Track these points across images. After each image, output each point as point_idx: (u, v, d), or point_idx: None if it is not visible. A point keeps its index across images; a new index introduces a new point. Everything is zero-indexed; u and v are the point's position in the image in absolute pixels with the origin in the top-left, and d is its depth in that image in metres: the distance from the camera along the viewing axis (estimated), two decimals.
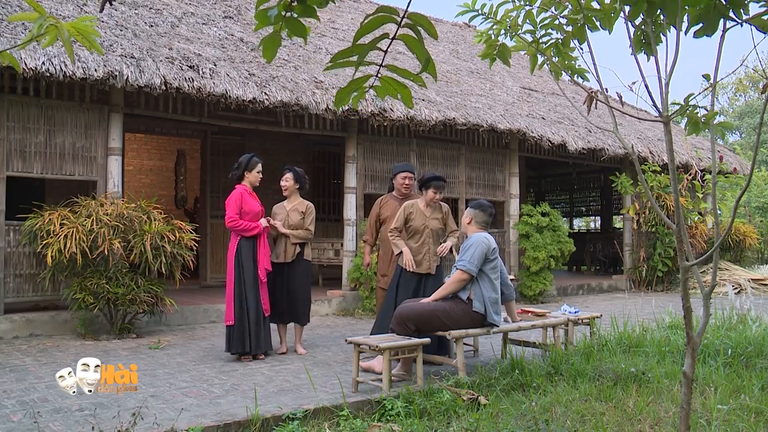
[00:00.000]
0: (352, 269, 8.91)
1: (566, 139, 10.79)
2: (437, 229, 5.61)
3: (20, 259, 6.73)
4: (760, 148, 24.85)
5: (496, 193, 10.92)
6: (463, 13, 2.91)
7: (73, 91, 7.03)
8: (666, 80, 2.35)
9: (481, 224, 5.11)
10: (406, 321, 4.74)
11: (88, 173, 7.13)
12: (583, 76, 3.02)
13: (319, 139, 11.07)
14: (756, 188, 20.26)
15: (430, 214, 5.61)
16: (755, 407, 3.86)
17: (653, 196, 10.91)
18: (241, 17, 10.11)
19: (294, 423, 3.79)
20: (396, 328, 4.80)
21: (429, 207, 5.62)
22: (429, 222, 5.58)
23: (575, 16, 2.72)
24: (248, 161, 5.80)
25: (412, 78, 1.72)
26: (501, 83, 12.58)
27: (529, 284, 10.13)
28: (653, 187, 11.33)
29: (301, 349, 5.97)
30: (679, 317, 6.77)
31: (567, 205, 18.39)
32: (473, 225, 5.10)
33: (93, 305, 6.38)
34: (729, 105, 34.80)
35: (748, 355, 5.13)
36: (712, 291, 2.44)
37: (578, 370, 4.72)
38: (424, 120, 9.02)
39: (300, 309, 5.97)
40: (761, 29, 2.19)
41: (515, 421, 3.74)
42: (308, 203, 6.13)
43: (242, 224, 5.64)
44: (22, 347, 6.09)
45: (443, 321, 4.77)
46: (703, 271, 11.74)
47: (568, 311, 6.05)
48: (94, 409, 3.95)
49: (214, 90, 7.30)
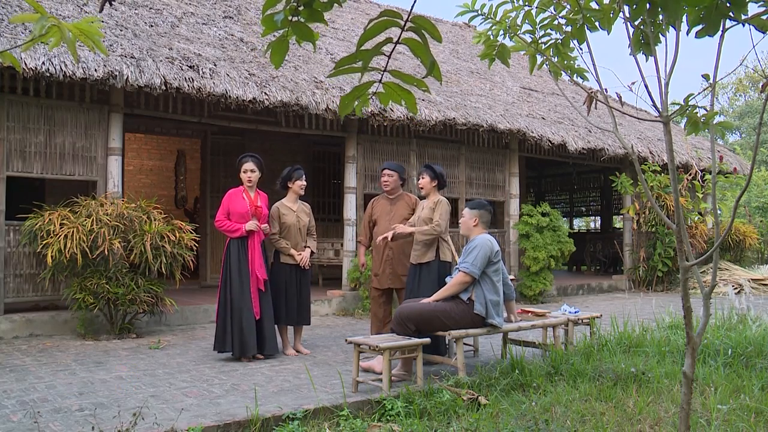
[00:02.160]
0: (352, 269, 8.92)
1: (566, 139, 10.80)
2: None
3: (20, 259, 6.73)
4: (760, 148, 24.85)
5: (496, 193, 10.92)
6: (463, 14, 2.91)
7: (73, 91, 7.04)
8: (666, 80, 2.35)
9: (486, 225, 5.11)
10: (406, 321, 4.74)
11: (88, 173, 7.13)
12: (582, 76, 3.02)
13: (319, 139, 11.07)
14: (756, 188, 20.25)
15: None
16: (755, 407, 3.86)
17: (653, 196, 10.93)
18: (241, 17, 10.11)
19: (294, 423, 3.79)
20: (396, 328, 4.80)
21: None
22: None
23: (574, 16, 2.72)
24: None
25: (415, 83, 1.71)
26: (501, 83, 12.59)
27: (529, 284, 10.13)
28: (653, 187, 11.34)
29: (303, 349, 5.97)
30: (679, 317, 6.77)
31: (567, 205, 18.39)
32: (480, 226, 5.08)
33: (93, 305, 6.38)
34: (729, 105, 34.81)
35: (748, 355, 5.13)
36: (712, 291, 2.44)
37: (578, 370, 4.72)
38: (424, 120, 9.02)
39: (305, 311, 6.00)
40: (761, 29, 2.19)
41: (515, 421, 3.74)
42: (308, 204, 6.19)
43: (226, 225, 5.65)
44: (22, 347, 6.09)
45: (443, 321, 4.76)
46: (703, 271, 11.74)
47: (568, 311, 6.04)
48: (94, 409, 3.95)
49: (214, 90, 7.30)
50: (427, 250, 5.49)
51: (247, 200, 5.71)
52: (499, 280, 4.93)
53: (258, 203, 5.75)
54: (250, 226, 5.61)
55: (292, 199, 6.03)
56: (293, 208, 6.01)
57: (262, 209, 5.77)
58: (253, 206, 5.71)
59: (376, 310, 5.95)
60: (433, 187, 5.60)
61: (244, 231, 5.60)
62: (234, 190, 5.81)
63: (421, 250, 5.50)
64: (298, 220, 5.97)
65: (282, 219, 5.93)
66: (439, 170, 5.63)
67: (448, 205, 5.56)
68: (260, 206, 5.76)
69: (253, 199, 5.74)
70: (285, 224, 5.92)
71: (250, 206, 5.68)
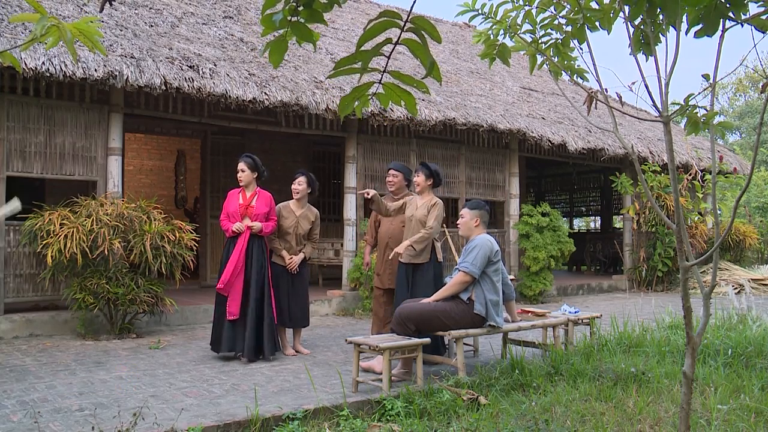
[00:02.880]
0: (352, 269, 8.92)
1: (566, 139, 10.79)
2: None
3: (20, 259, 6.73)
4: (760, 148, 24.84)
5: (496, 193, 10.92)
6: (463, 13, 2.91)
7: (73, 91, 7.03)
8: (666, 80, 2.35)
9: (485, 224, 5.11)
10: (406, 321, 4.74)
11: (88, 173, 7.13)
12: (582, 76, 3.02)
13: (319, 139, 11.07)
14: (756, 188, 20.26)
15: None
16: (755, 407, 3.86)
17: (653, 196, 10.93)
18: (241, 17, 10.11)
19: (294, 423, 3.79)
20: (396, 328, 4.80)
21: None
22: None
23: (575, 16, 2.72)
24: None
25: (415, 84, 1.71)
26: (501, 83, 12.59)
27: (529, 284, 10.13)
28: (653, 187, 11.33)
29: (303, 349, 5.97)
30: (679, 317, 6.77)
31: (567, 205, 18.38)
32: (480, 227, 5.07)
33: (93, 305, 6.38)
34: (729, 105, 34.80)
35: (748, 355, 5.13)
36: (712, 291, 2.44)
37: (578, 370, 4.72)
38: (424, 120, 9.02)
39: (301, 313, 5.97)
40: (760, 29, 2.19)
41: (515, 421, 3.74)
42: (316, 211, 6.14)
43: (222, 224, 5.77)
44: (22, 347, 6.09)
45: (443, 321, 4.76)
46: (703, 271, 11.74)
47: (568, 311, 6.05)
48: (94, 409, 3.95)
49: (214, 90, 7.30)
50: (421, 251, 5.49)
51: (240, 200, 5.74)
52: (498, 280, 4.92)
53: (252, 203, 5.72)
54: (236, 226, 5.62)
55: (297, 203, 6.01)
56: (296, 212, 5.99)
57: (254, 209, 5.71)
58: (244, 206, 5.70)
59: (377, 309, 5.97)
60: (428, 185, 5.58)
61: (231, 231, 5.64)
62: (234, 189, 5.87)
63: (416, 251, 5.50)
64: (296, 225, 5.94)
65: (281, 220, 5.93)
66: (435, 168, 5.61)
67: (443, 208, 5.55)
68: (252, 206, 5.72)
69: (247, 199, 5.74)
70: (282, 226, 5.93)
71: (240, 206, 5.70)
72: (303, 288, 6.01)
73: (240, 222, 5.64)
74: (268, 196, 5.84)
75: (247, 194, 5.77)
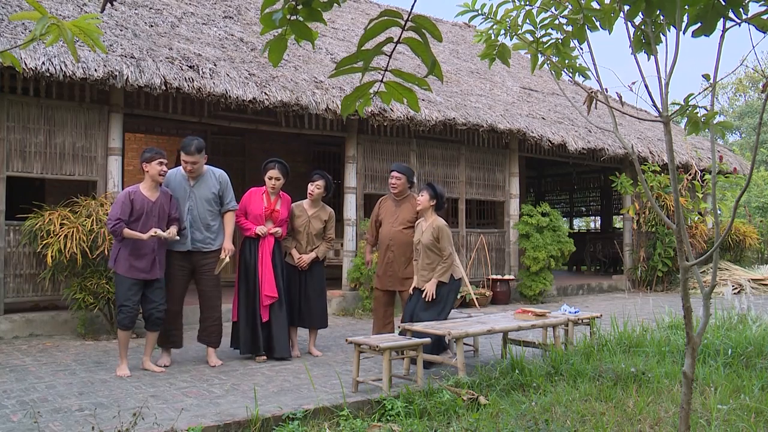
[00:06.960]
0: (352, 269, 8.91)
1: (566, 139, 10.79)
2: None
3: (20, 259, 6.73)
4: (760, 148, 24.85)
5: (496, 193, 10.92)
6: (463, 13, 2.91)
7: (73, 91, 7.03)
8: (666, 80, 2.35)
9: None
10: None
11: (88, 173, 7.13)
12: (584, 74, 3.02)
13: (319, 139, 11.07)
14: (756, 188, 20.26)
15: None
16: (755, 407, 3.86)
17: (653, 196, 10.91)
18: (241, 17, 10.11)
19: (294, 423, 3.79)
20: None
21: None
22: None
23: (575, 16, 2.72)
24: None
25: (417, 82, 1.71)
26: (501, 83, 12.58)
27: (529, 284, 10.13)
28: (653, 187, 11.33)
29: (315, 351, 5.93)
30: (679, 317, 6.77)
31: (567, 205, 18.39)
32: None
33: (93, 305, 6.38)
34: (729, 105, 34.81)
35: (748, 355, 5.13)
36: (712, 291, 2.44)
37: (578, 370, 4.72)
38: (424, 120, 9.02)
39: (314, 313, 5.92)
40: (760, 29, 2.19)
41: (515, 421, 3.74)
42: (330, 210, 6.06)
43: (241, 222, 5.65)
44: (22, 347, 6.09)
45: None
46: (703, 271, 11.74)
47: (568, 311, 6.05)
48: (94, 409, 3.95)
49: (214, 90, 7.29)
50: (432, 273, 5.50)
51: (265, 202, 5.66)
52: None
53: (277, 207, 5.67)
54: (260, 230, 5.57)
55: (311, 203, 5.97)
56: (309, 212, 5.93)
57: (280, 213, 5.67)
58: (269, 210, 5.65)
59: (378, 309, 5.99)
60: (431, 206, 5.59)
61: (253, 232, 5.59)
62: (256, 189, 5.78)
63: (428, 275, 5.50)
64: (308, 224, 5.88)
65: (293, 219, 5.89)
66: (440, 191, 5.64)
67: (449, 230, 5.58)
68: (278, 210, 5.67)
69: (272, 202, 5.67)
70: (294, 225, 5.90)
71: (266, 209, 5.63)
72: (316, 289, 5.95)
73: (264, 225, 5.61)
74: (288, 200, 5.82)
75: (272, 197, 5.71)
